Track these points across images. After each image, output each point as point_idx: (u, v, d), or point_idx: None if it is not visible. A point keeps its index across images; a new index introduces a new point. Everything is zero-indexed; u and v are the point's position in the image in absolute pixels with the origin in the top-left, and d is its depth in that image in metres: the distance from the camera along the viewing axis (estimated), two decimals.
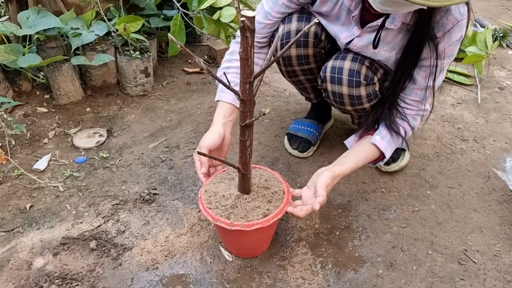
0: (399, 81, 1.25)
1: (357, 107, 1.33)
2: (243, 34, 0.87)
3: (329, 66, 1.30)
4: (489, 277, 1.17)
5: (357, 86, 1.26)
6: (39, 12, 1.72)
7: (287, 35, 1.32)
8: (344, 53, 1.30)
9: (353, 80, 1.26)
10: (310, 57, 1.37)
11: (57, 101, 1.86)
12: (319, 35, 1.33)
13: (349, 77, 1.26)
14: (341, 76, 1.27)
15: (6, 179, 1.47)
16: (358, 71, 1.25)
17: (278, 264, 1.20)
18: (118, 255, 1.22)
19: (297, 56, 1.37)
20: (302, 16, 1.32)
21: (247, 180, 1.10)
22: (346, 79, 1.26)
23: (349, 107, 1.34)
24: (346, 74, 1.26)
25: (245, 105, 0.97)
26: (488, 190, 1.45)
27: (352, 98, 1.30)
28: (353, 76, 1.25)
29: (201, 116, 1.84)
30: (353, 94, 1.28)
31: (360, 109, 1.34)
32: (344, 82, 1.27)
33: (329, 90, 1.32)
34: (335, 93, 1.31)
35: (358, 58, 1.27)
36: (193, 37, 2.44)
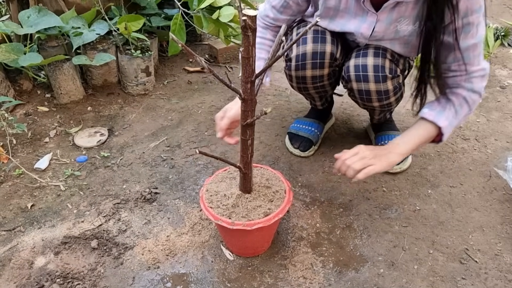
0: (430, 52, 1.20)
1: (384, 102, 1.33)
2: (245, 33, 0.87)
3: (352, 65, 1.29)
4: (490, 276, 1.17)
5: (384, 81, 1.26)
6: (40, 11, 1.72)
7: (303, 57, 1.32)
8: (364, 49, 1.29)
9: (379, 75, 1.25)
10: (325, 76, 1.37)
11: (58, 100, 1.87)
12: (335, 54, 1.32)
13: (374, 73, 1.26)
14: (366, 73, 1.27)
15: (7, 178, 1.48)
16: (383, 65, 1.25)
17: (279, 263, 1.20)
18: (119, 254, 1.22)
19: (312, 77, 1.37)
20: (317, 36, 1.31)
21: (248, 179, 1.10)
22: (372, 75, 1.26)
23: (376, 103, 1.34)
24: (371, 70, 1.26)
25: (246, 104, 0.97)
26: (490, 189, 1.45)
27: (380, 94, 1.29)
28: (379, 71, 1.25)
29: (202, 115, 1.84)
30: (381, 90, 1.28)
31: (386, 104, 1.35)
32: (371, 78, 1.27)
33: (355, 88, 1.32)
34: (361, 91, 1.31)
35: (379, 53, 1.26)
36: (194, 36, 2.44)
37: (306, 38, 1.32)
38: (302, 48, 1.32)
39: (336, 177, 1.50)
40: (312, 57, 1.32)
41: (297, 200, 1.40)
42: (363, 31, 1.27)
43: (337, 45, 1.33)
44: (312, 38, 1.32)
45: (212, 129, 1.74)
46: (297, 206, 1.38)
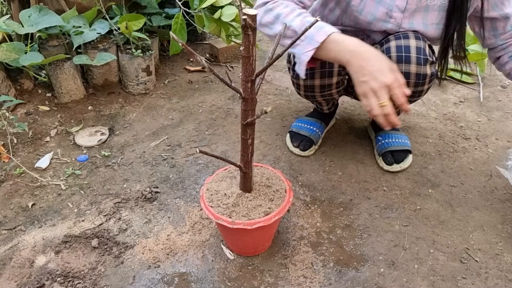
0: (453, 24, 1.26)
1: (419, 88, 1.31)
2: (245, 32, 0.87)
3: (394, 46, 1.28)
4: (491, 276, 1.16)
5: (425, 64, 1.26)
6: (41, 11, 1.72)
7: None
8: (403, 33, 1.29)
9: (421, 57, 1.25)
10: (333, 85, 1.37)
11: (59, 100, 1.87)
12: None
13: (417, 54, 1.25)
14: (409, 54, 1.26)
15: (8, 177, 1.48)
16: (424, 48, 1.25)
17: (279, 262, 1.20)
18: (120, 253, 1.22)
19: (320, 86, 1.37)
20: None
21: (248, 178, 1.10)
22: (415, 56, 1.25)
23: (412, 88, 1.31)
24: (414, 52, 1.25)
25: (246, 103, 0.97)
26: (490, 189, 1.45)
27: (419, 77, 1.28)
28: (421, 53, 1.25)
29: (203, 115, 1.84)
30: (420, 73, 1.27)
31: (419, 91, 1.33)
32: (413, 60, 1.26)
33: None
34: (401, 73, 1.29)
35: (420, 37, 1.27)
36: (194, 36, 2.44)
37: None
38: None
39: (337, 176, 1.50)
40: (321, 66, 1.32)
41: (297, 200, 1.40)
42: (398, 3, 1.26)
43: None
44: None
45: (212, 129, 1.74)
46: (297, 205, 1.38)
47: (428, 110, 1.88)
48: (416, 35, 1.28)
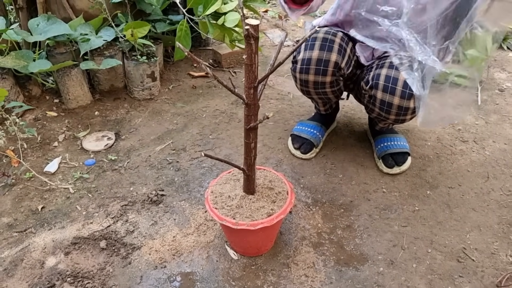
0: None
1: (400, 117, 1.36)
2: (248, 41, 0.91)
3: (383, 74, 1.32)
4: (486, 274, 1.20)
5: (409, 98, 1.29)
6: (49, 19, 1.77)
7: (308, 61, 1.38)
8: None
9: (406, 92, 1.29)
10: (327, 83, 1.42)
11: (66, 105, 1.92)
12: (340, 63, 1.37)
13: (403, 88, 1.29)
14: (395, 87, 1.30)
15: (18, 181, 1.52)
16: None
17: (282, 262, 1.24)
18: (127, 254, 1.26)
19: (314, 82, 1.42)
20: (325, 44, 1.36)
21: (251, 181, 1.14)
22: (400, 90, 1.29)
23: (393, 117, 1.37)
24: (400, 85, 1.29)
25: (249, 109, 1.01)
26: (487, 190, 1.49)
27: (400, 109, 1.33)
28: (407, 88, 1.28)
29: (207, 119, 1.89)
30: (403, 105, 1.31)
31: (401, 119, 1.38)
32: (397, 93, 1.30)
33: (378, 98, 1.35)
34: (384, 102, 1.34)
35: None
36: (198, 42, 2.49)
37: (315, 44, 1.38)
38: (308, 53, 1.37)
39: (337, 178, 1.54)
40: (317, 63, 1.37)
41: (299, 201, 1.44)
42: None
43: (344, 55, 1.38)
44: (319, 45, 1.37)
45: (216, 133, 1.79)
46: (299, 207, 1.42)
47: None
48: None
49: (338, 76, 1.41)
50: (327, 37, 1.38)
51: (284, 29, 2.85)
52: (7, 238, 1.31)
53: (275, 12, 3.01)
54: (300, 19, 3.02)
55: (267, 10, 3.04)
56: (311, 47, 1.38)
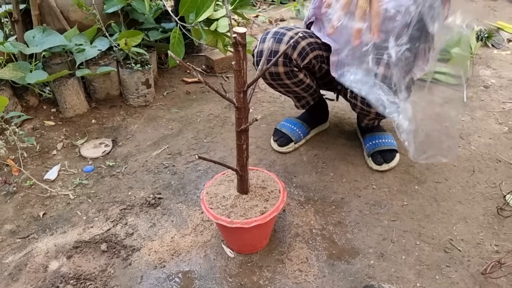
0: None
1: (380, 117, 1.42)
2: (236, 49, 0.97)
3: None
4: (472, 263, 1.25)
5: None
6: (45, 31, 1.82)
7: (260, 53, 1.46)
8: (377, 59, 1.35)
9: None
10: (282, 74, 1.49)
11: (64, 114, 1.96)
12: (289, 54, 1.44)
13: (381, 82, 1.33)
14: None
15: (19, 189, 1.57)
16: (390, 77, 1.32)
17: (276, 258, 1.29)
18: (127, 256, 1.31)
19: (269, 73, 1.50)
20: (275, 37, 1.44)
21: (245, 181, 1.20)
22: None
23: (374, 111, 1.42)
24: (379, 79, 1.33)
25: (240, 112, 1.06)
26: (473, 184, 1.55)
27: (378, 115, 1.39)
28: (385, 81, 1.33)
29: (201, 124, 1.94)
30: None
31: (382, 114, 1.42)
32: None
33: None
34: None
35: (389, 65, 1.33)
36: (191, 48, 2.54)
37: (266, 37, 1.46)
38: (260, 46, 1.47)
39: (329, 177, 1.59)
40: (268, 54, 1.42)
41: (292, 200, 1.49)
42: None
43: (296, 47, 1.45)
44: (270, 38, 1.45)
45: (211, 136, 1.84)
46: (292, 205, 1.47)
47: (413, 112, 1.97)
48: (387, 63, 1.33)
49: (291, 67, 1.47)
50: (279, 31, 1.46)
51: None
52: (11, 244, 1.36)
53: (265, 17, 3.07)
54: (290, 23, 3.08)
55: (257, 15, 3.10)
56: (262, 40, 1.47)
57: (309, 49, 1.49)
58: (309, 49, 1.49)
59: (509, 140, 1.77)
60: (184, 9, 1.86)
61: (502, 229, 1.36)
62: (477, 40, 2.50)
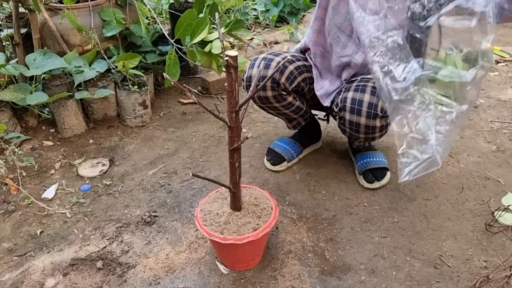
0: None
1: (369, 135, 1.47)
2: (228, 71, 1.01)
3: (350, 97, 1.43)
4: (462, 279, 1.28)
5: (374, 118, 1.40)
6: (45, 54, 1.87)
7: (249, 79, 1.54)
8: (363, 86, 1.43)
9: (371, 112, 1.39)
10: (270, 98, 1.56)
11: (62, 135, 2.00)
12: (277, 79, 1.51)
13: (368, 109, 1.40)
14: (360, 108, 1.41)
15: (17, 207, 1.59)
16: (376, 104, 1.39)
17: (269, 274, 1.31)
18: (123, 273, 1.33)
19: (258, 97, 1.57)
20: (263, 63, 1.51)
21: (238, 198, 1.23)
22: (365, 111, 1.40)
23: (362, 135, 1.48)
24: (366, 106, 1.40)
25: (232, 131, 1.11)
26: (462, 201, 1.58)
27: (368, 128, 1.43)
28: (372, 108, 1.39)
29: (197, 143, 1.98)
30: (369, 125, 1.42)
31: (371, 137, 1.49)
32: (363, 113, 1.40)
33: (347, 118, 1.46)
34: (352, 122, 1.45)
35: (376, 92, 1.39)
36: (187, 70, 2.61)
37: (255, 63, 1.54)
38: (249, 71, 1.55)
39: (321, 194, 1.63)
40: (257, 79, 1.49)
41: (285, 217, 1.52)
42: None
43: (283, 72, 1.52)
44: (258, 64, 1.52)
45: (206, 156, 1.88)
46: (285, 222, 1.50)
47: None
48: (373, 90, 1.40)
49: (279, 91, 1.54)
50: (267, 57, 1.54)
51: None
52: (8, 262, 1.38)
53: (260, 40, 3.15)
54: (284, 45, 3.16)
55: (252, 38, 3.18)
56: (251, 66, 1.55)
57: (297, 73, 1.56)
58: (297, 72, 1.56)
59: (497, 159, 1.81)
60: (179, 32, 1.93)
61: (491, 245, 1.39)
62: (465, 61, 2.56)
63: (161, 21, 2.52)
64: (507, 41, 3.07)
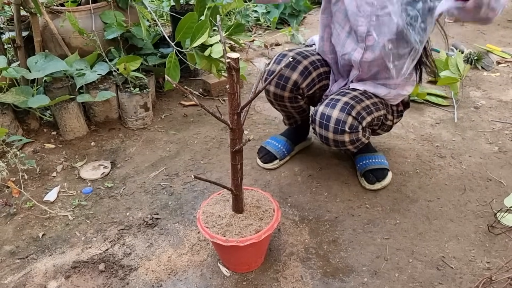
0: None
1: (340, 147, 1.48)
2: (229, 73, 1.02)
3: (320, 112, 1.44)
4: (464, 280, 1.28)
5: (342, 134, 1.41)
6: (47, 57, 1.88)
7: (271, 73, 1.54)
8: (335, 101, 1.43)
9: (339, 128, 1.40)
10: (285, 98, 1.57)
11: (64, 137, 2.01)
12: (299, 83, 1.52)
13: (335, 125, 1.40)
14: (328, 123, 1.42)
15: (19, 210, 1.60)
16: (344, 121, 1.39)
17: (272, 277, 1.31)
18: (125, 275, 1.33)
19: (274, 93, 1.57)
20: (290, 63, 1.51)
21: (239, 200, 1.23)
22: (333, 126, 1.41)
23: (334, 147, 1.50)
24: (333, 122, 1.41)
25: (234, 133, 1.11)
26: (464, 202, 1.58)
27: (337, 142, 1.45)
28: (339, 125, 1.40)
29: (198, 145, 1.98)
30: (338, 140, 1.43)
31: (343, 149, 1.50)
32: (330, 129, 1.42)
33: (317, 131, 1.48)
34: (322, 136, 1.47)
35: (346, 109, 1.40)
36: (188, 72, 2.61)
37: (282, 60, 1.53)
38: (273, 66, 1.54)
39: (323, 196, 1.62)
40: (278, 77, 1.52)
41: (287, 219, 1.52)
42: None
43: (307, 77, 1.53)
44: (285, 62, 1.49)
45: (207, 158, 1.88)
46: (287, 224, 1.50)
47: (406, 132, 2.03)
48: (344, 106, 1.40)
49: (296, 94, 1.55)
50: (296, 57, 1.54)
51: (270, 58, 2.98)
52: (10, 265, 1.38)
53: (261, 42, 3.15)
54: (285, 47, 3.16)
55: (253, 40, 3.18)
56: (278, 61, 1.54)
57: (317, 80, 1.59)
58: (317, 80, 1.59)
59: (499, 159, 1.81)
60: (180, 35, 1.93)
61: (493, 246, 1.39)
62: (466, 62, 2.57)
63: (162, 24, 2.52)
64: (508, 42, 3.07)
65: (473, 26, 3.32)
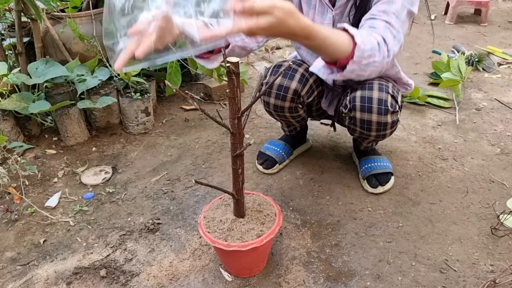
0: None
1: (381, 132, 1.46)
2: (229, 77, 1.01)
3: (359, 96, 1.42)
4: (468, 283, 1.27)
5: (385, 114, 1.40)
6: (47, 63, 1.88)
7: (270, 86, 1.50)
8: (369, 84, 1.42)
9: (382, 108, 1.39)
10: (286, 108, 1.56)
11: (65, 143, 2.01)
12: (299, 91, 1.51)
13: (378, 105, 1.39)
14: (371, 105, 1.40)
15: (21, 216, 1.59)
16: (386, 100, 1.39)
17: (274, 281, 1.30)
18: (126, 281, 1.32)
19: (274, 105, 1.56)
20: (287, 72, 1.51)
21: (241, 204, 1.22)
22: (376, 107, 1.39)
23: (374, 133, 1.46)
24: (375, 103, 1.39)
25: (235, 137, 1.10)
26: (467, 204, 1.57)
27: (380, 125, 1.43)
28: (382, 104, 1.39)
29: (199, 150, 1.98)
30: (381, 121, 1.41)
31: (382, 134, 1.48)
32: (374, 110, 1.40)
33: (358, 117, 1.44)
34: (363, 121, 1.43)
35: (383, 88, 1.40)
36: (189, 77, 2.61)
37: (278, 71, 1.49)
38: (271, 78, 1.52)
39: (325, 200, 1.62)
40: (278, 88, 1.51)
41: (289, 223, 1.52)
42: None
43: (305, 84, 1.52)
44: (283, 72, 1.48)
45: (209, 162, 1.88)
46: (289, 228, 1.49)
47: (408, 134, 2.02)
48: (380, 86, 1.41)
49: (297, 103, 1.54)
50: (292, 66, 1.53)
51: (271, 61, 2.98)
52: (11, 272, 1.37)
53: None
54: (286, 50, 3.16)
55: None
56: (275, 73, 1.53)
57: (315, 86, 1.58)
58: (315, 86, 1.58)
59: (502, 161, 1.80)
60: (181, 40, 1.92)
61: (497, 249, 1.38)
62: (468, 64, 2.56)
63: None
64: (509, 43, 3.06)
65: (473, 27, 3.32)
